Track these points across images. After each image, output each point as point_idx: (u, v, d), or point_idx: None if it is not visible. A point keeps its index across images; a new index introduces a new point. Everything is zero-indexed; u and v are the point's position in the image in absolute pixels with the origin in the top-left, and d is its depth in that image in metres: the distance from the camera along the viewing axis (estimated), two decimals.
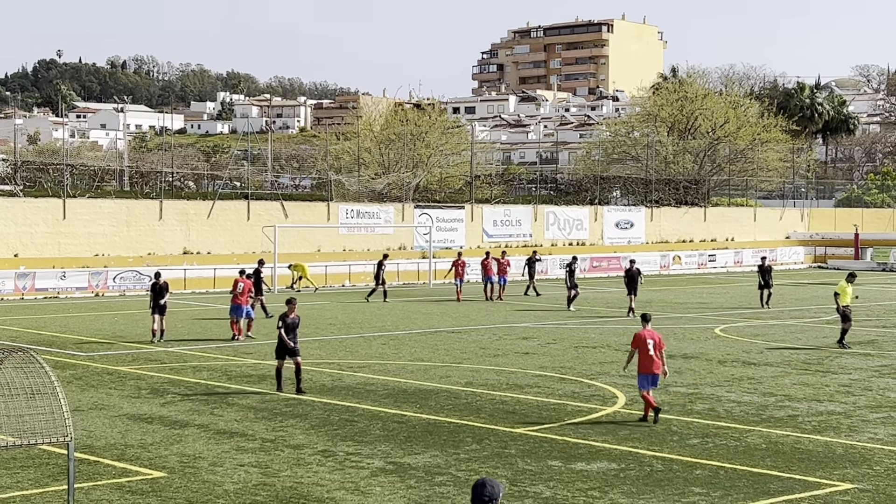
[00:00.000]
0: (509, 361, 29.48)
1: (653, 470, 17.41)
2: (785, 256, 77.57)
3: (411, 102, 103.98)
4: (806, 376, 27.19)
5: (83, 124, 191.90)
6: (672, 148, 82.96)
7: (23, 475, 16.89)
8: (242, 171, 72.23)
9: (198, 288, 52.70)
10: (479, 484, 8.29)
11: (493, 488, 8.22)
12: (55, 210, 52.11)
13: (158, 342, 32.53)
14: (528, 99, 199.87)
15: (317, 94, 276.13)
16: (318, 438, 19.55)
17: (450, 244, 64.10)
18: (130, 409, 22.38)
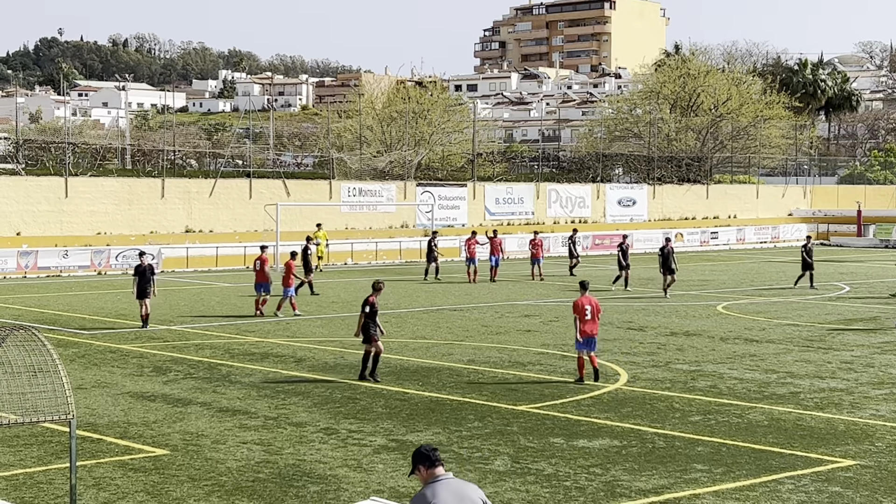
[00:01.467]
0: (511, 339, 29.50)
1: (654, 447, 17.44)
2: (787, 234, 77.51)
3: (413, 80, 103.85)
4: (808, 353, 27.20)
5: (85, 103, 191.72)
6: (674, 125, 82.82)
7: (26, 453, 16.94)
8: (244, 150, 72.20)
9: (200, 266, 52.72)
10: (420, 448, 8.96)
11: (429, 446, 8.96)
12: (57, 188, 52.09)
13: (143, 328, 30.91)
14: (531, 76, 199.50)
15: (319, 71, 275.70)
16: (320, 416, 19.59)
17: (452, 222, 64.09)
18: (133, 387, 22.42)
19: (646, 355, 26.66)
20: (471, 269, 46.39)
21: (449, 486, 8.72)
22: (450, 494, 8.67)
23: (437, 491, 8.70)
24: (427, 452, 8.89)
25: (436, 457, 8.87)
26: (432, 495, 8.66)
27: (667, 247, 41.16)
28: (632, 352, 27.25)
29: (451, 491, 8.71)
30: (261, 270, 34.86)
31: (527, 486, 15.13)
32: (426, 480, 8.88)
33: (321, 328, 31.65)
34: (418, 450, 9.02)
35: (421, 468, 8.94)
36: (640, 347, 28.00)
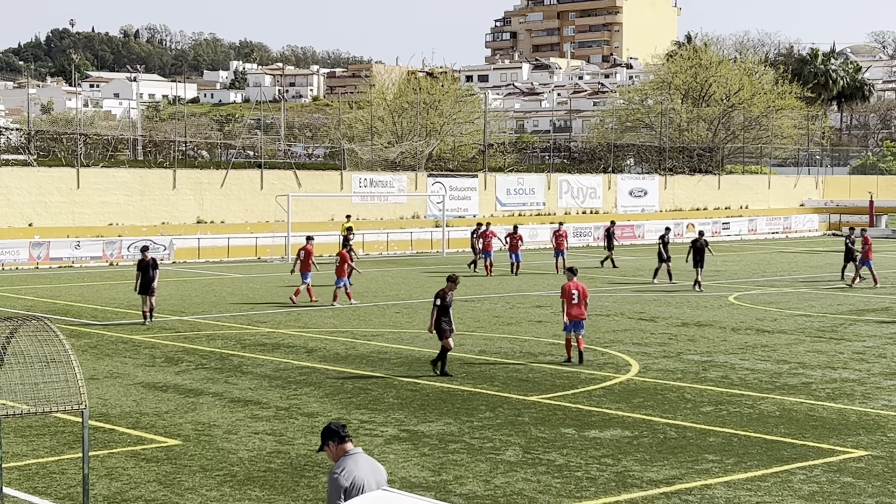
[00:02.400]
0: (523, 329, 29.50)
1: (666, 437, 17.43)
2: (799, 224, 77.34)
3: (424, 71, 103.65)
4: (820, 344, 27.15)
5: (96, 94, 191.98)
6: (686, 115, 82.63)
7: (38, 443, 16.99)
8: (255, 141, 72.26)
9: (211, 257, 52.79)
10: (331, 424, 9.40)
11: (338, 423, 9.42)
12: (69, 179, 52.19)
13: (148, 324, 29.71)
14: (542, 67, 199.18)
15: (330, 62, 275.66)
16: (332, 406, 19.61)
17: (463, 213, 64.07)
18: (145, 377, 22.47)
19: (657, 346, 26.64)
20: (487, 262, 45.82)
21: (363, 460, 9.19)
22: (366, 467, 9.13)
23: (357, 461, 9.14)
24: (337, 429, 9.31)
25: (345, 433, 9.31)
26: (354, 464, 9.10)
27: (699, 240, 39.98)
28: (643, 342, 27.23)
29: (366, 464, 9.17)
30: (305, 260, 35.29)
31: (538, 477, 15.13)
32: (337, 456, 9.27)
33: (332, 318, 31.68)
34: (329, 426, 9.39)
35: (331, 444, 9.34)
36: (652, 338, 27.98)
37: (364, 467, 9.11)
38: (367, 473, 9.07)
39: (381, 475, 9.22)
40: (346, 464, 9.12)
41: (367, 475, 9.06)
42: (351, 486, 8.99)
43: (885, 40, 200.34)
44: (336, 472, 9.09)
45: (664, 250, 42.26)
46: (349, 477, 9.05)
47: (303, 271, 35.20)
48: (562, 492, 14.47)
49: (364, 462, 9.19)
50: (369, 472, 9.10)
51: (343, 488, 8.99)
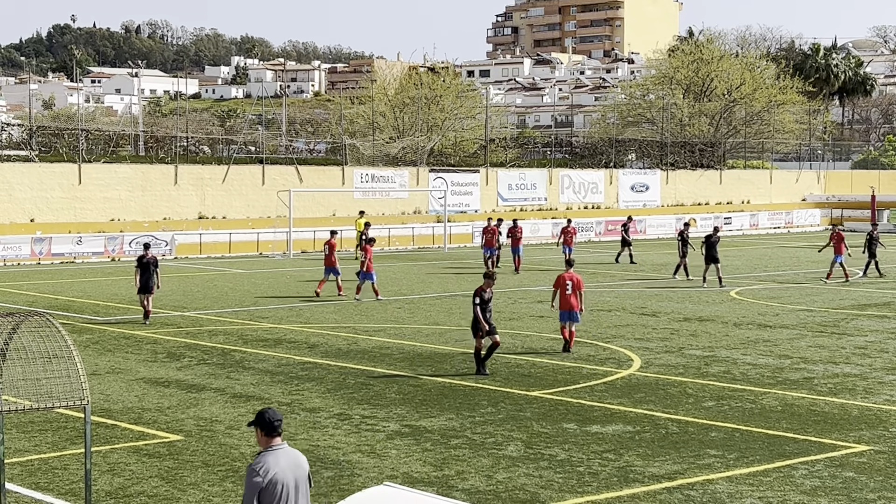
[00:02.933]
0: (524, 325, 29.50)
1: (668, 432, 17.44)
2: (801, 219, 77.32)
3: (426, 66, 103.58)
4: (822, 338, 27.15)
5: (98, 89, 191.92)
6: (688, 110, 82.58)
7: (41, 438, 17.01)
8: (257, 136, 72.25)
9: (213, 253, 52.81)
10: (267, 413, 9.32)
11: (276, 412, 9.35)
12: (71, 175, 52.19)
13: (148, 324, 29.05)
14: (543, 62, 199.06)
15: (331, 58, 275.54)
16: (333, 402, 19.62)
17: (465, 208, 64.06)
18: (147, 373, 22.48)
19: (659, 341, 26.64)
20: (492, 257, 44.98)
21: (287, 455, 9.24)
22: (285, 463, 9.18)
23: (278, 457, 9.19)
24: (272, 421, 9.27)
25: (277, 427, 9.29)
26: (274, 461, 9.15)
27: (714, 235, 39.27)
28: (645, 337, 27.24)
29: (286, 460, 9.21)
30: (329, 255, 35.72)
31: (540, 472, 15.14)
32: (264, 446, 9.31)
33: (334, 314, 31.68)
34: (265, 415, 9.33)
35: (261, 432, 9.33)
36: (654, 333, 27.98)
37: (283, 463, 9.16)
38: (285, 469, 9.13)
39: (302, 471, 9.29)
40: (266, 460, 9.15)
41: (285, 472, 9.12)
42: (266, 484, 9.06)
43: (886, 35, 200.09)
44: (255, 468, 9.13)
45: (683, 246, 41.82)
46: (266, 474, 9.08)
47: (327, 265, 35.78)
48: (564, 487, 14.48)
49: (284, 458, 9.23)
50: (288, 469, 9.16)
51: (259, 487, 9.05)
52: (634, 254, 48.94)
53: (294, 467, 9.24)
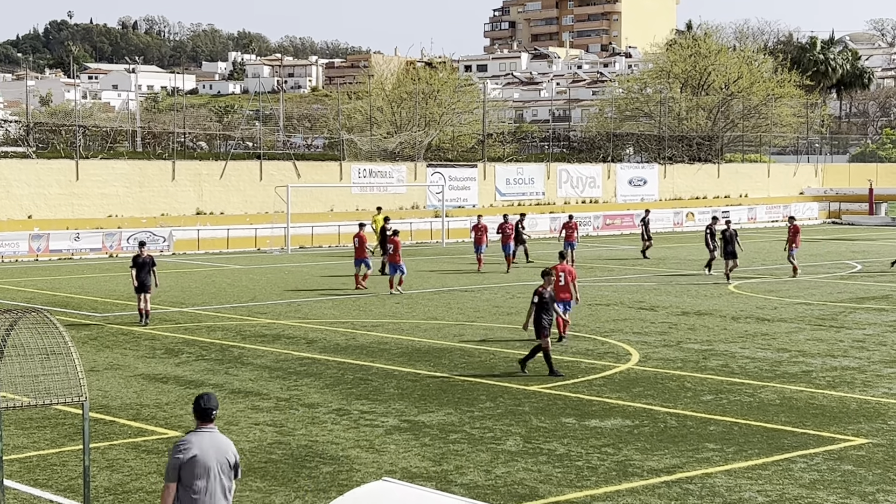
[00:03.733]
0: (523, 319, 29.45)
1: (667, 426, 17.44)
2: (799, 212, 77.19)
3: (423, 61, 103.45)
4: (820, 332, 27.16)
5: (95, 85, 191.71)
6: (685, 104, 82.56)
7: (39, 435, 17.00)
8: (254, 132, 72.16)
9: (211, 248, 52.78)
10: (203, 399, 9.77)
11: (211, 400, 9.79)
12: (68, 171, 52.15)
13: (144, 325, 28.17)
14: (541, 56, 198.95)
15: (328, 53, 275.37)
16: (332, 397, 19.62)
17: (463, 203, 64.03)
18: (145, 369, 22.47)
19: (657, 335, 26.65)
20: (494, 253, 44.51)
21: (212, 438, 9.71)
22: (209, 444, 9.64)
23: (202, 438, 9.69)
24: (206, 409, 9.75)
25: (211, 415, 9.76)
26: (199, 441, 9.65)
27: (728, 229, 38.82)
28: (643, 331, 27.24)
29: (210, 441, 9.68)
30: (360, 247, 36.40)
31: (539, 466, 15.14)
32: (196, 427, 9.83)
33: (332, 309, 31.68)
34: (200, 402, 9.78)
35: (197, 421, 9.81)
36: (652, 327, 27.98)
37: (206, 445, 9.60)
38: (207, 450, 9.58)
39: (224, 454, 9.69)
40: (191, 439, 9.64)
41: (207, 453, 9.56)
42: (187, 461, 9.53)
43: (884, 28, 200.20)
44: (178, 446, 9.63)
45: (710, 240, 41.46)
46: (187, 452, 9.55)
47: (357, 258, 36.48)
48: (563, 481, 14.48)
49: (209, 440, 9.66)
50: (210, 451, 9.59)
51: (179, 463, 9.54)
52: (631, 248, 48.90)
53: (217, 451, 9.66)
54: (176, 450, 9.60)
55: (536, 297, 21.82)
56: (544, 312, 21.72)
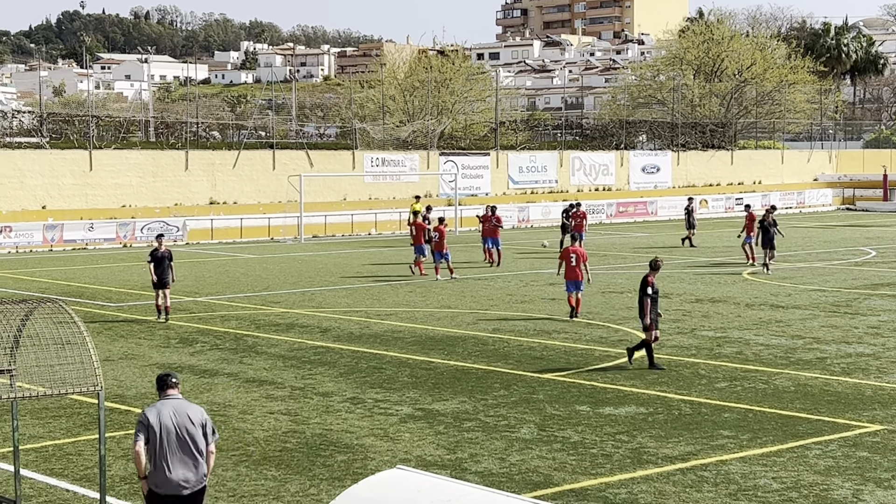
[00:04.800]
0: (536, 308, 29.49)
1: (681, 413, 17.43)
2: (813, 199, 77.09)
3: (435, 49, 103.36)
4: (834, 318, 27.10)
5: (108, 76, 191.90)
6: (698, 91, 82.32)
7: (55, 425, 17.06)
8: (267, 121, 72.21)
9: (225, 238, 52.86)
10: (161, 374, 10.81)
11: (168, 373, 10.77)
12: (82, 162, 52.26)
13: (163, 321, 27.20)
14: (553, 44, 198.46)
15: (340, 42, 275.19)
16: (346, 386, 19.65)
17: (476, 191, 63.99)
18: (160, 358, 22.53)
19: (671, 322, 26.61)
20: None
21: (174, 405, 10.50)
22: (170, 409, 10.43)
23: (165, 404, 10.52)
24: (163, 377, 10.70)
25: (169, 382, 10.64)
26: (162, 406, 10.50)
27: (767, 218, 38.15)
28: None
29: (174, 408, 10.47)
30: (417, 234, 36.99)
31: (553, 454, 15.15)
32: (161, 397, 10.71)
33: (346, 298, 31.71)
34: (160, 374, 10.84)
35: (158, 391, 10.75)
36: (666, 314, 27.87)
37: (167, 411, 10.40)
38: (167, 416, 10.36)
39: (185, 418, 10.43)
40: (154, 406, 10.51)
41: (166, 419, 10.35)
42: (149, 425, 10.35)
43: None
44: (143, 412, 10.51)
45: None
46: (152, 416, 10.39)
47: (414, 245, 37.06)
48: (577, 469, 14.49)
49: (170, 407, 10.46)
50: (170, 416, 10.36)
51: (143, 425, 10.37)
52: (644, 236, 48.78)
53: (179, 416, 10.41)
54: (141, 416, 10.47)
55: (649, 288, 20.87)
56: (652, 304, 20.95)
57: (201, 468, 10.51)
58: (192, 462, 10.43)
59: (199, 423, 10.49)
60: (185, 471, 10.39)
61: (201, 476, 10.51)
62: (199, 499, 10.55)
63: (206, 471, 10.57)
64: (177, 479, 10.36)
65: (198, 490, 10.49)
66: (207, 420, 10.60)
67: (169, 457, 10.32)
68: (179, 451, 10.37)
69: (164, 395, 10.63)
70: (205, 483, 10.59)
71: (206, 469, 10.57)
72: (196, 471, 10.46)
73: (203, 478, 10.55)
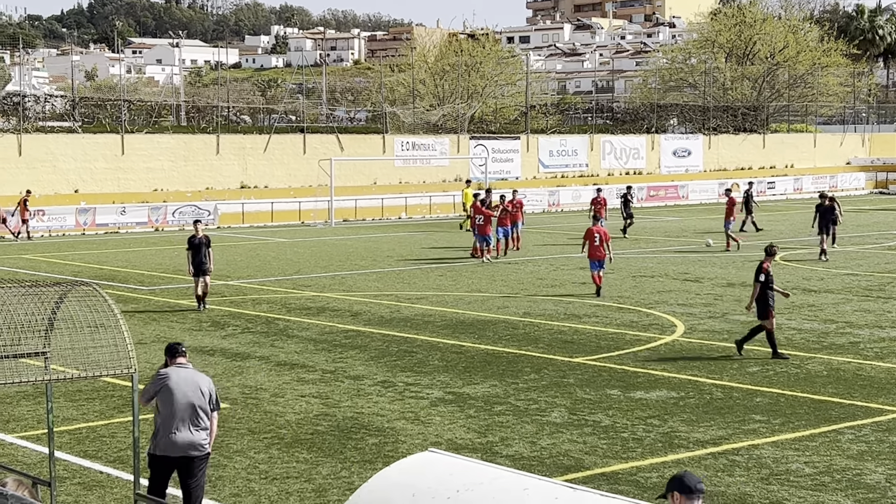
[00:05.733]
0: (567, 291, 29.45)
1: (712, 398, 17.38)
2: (846, 182, 76.57)
3: (465, 33, 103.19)
4: (867, 303, 26.94)
5: (139, 60, 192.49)
6: (730, 74, 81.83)
7: (88, 407, 17.18)
8: (297, 105, 72.33)
9: (255, 222, 53.00)
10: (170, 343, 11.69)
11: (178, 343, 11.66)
12: (114, 146, 52.49)
13: (203, 311, 26.49)
14: (583, 27, 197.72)
15: (370, 26, 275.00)
16: (377, 369, 19.69)
17: (506, 175, 63.89)
18: (192, 341, 22.63)
19: (702, 306, 26.53)
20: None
21: (186, 373, 11.24)
22: (182, 377, 11.14)
23: (177, 371, 11.28)
24: (174, 346, 11.52)
25: (179, 350, 11.46)
26: (173, 373, 11.26)
27: (823, 203, 37.04)
28: (688, 303, 27.13)
29: (185, 375, 11.19)
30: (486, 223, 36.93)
31: (584, 438, 15.14)
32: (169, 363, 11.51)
33: (376, 282, 31.76)
34: (170, 344, 11.66)
35: (168, 358, 11.52)
36: (697, 299, 27.86)
37: (176, 378, 11.14)
38: (179, 382, 11.09)
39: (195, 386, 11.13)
40: (167, 371, 11.23)
41: (178, 384, 11.08)
42: (162, 387, 11.16)
43: None
44: (158, 374, 11.32)
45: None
46: (162, 381, 11.19)
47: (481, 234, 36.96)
48: (608, 453, 14.48)
49: (183, 374, 11.21)
50: (182, 382, 11.09)
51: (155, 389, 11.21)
52: (675, 220, 48.57)
53: (188, 382, 11.12)
54: (154, 378, 11.27)
55: (762, 274, 20.33)
56: (768, 291, 20.43)
57: (206, 434, 11.23)
58: (198, 428, 11.14)
59: (207, 391, 11.22)
60: (193, 435, 11.09)
61: (207, 442, 11.23)
62: (203, 464, 11.26)
63: (210, 438, 11.31)
64: (184, 443, 11.06)
65: (203, 455, 11.20)
66: (213, 390, 11.36)
67: (178, 421, 11.02)
68: (188, 417, 11.06)
69: (175, 362, 11.36)
70: (209, 450, 11.30)
71: (211, 436, 11.31)
72: (202, 436, 11.18)
73: (208, 444, 11.27)
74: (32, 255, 39.52)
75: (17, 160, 50.01)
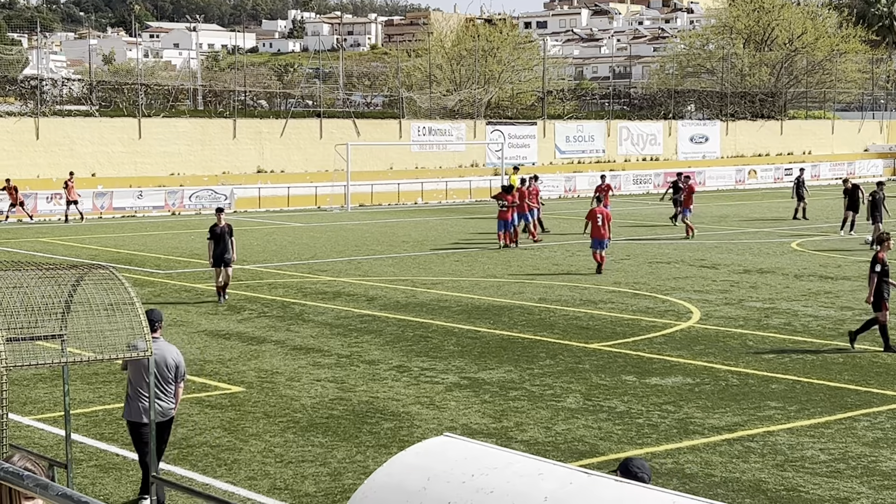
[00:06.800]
0: (582, 277, 29.43)
1: (728, 384, 17.36)
2: (864, 169, 76.25)
3: (482, 18, 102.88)
4: None
5: (156, 44, 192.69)
6: (748, 60, 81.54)
7: (104, 390, 17.25)
8: (314, 90, 72.24)
9: (272, 206, 53.09)
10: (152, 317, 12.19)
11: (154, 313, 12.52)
12: (131, 130, 52.60)
13: (224, 304, 25.31)
14: (601, 12, 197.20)
15: (387, 10, 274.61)
16: (392, 354, 19.72)
17: (522, 160, 63.79)
18: (208, 325, 22.70)
19: (718, 293, 26.49)
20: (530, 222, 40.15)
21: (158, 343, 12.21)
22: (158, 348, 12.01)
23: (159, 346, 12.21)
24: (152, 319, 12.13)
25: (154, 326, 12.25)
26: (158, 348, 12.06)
27: (879, 192, 37.04)
28: (704, 289, 27.08)
29: (157, 346, 12.00)
30: (521, 202, 37.34)
31: (599, 424, 15.15)
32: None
33: (392, 267, 31.78)
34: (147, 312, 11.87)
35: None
36: (713, 285, 27.81)
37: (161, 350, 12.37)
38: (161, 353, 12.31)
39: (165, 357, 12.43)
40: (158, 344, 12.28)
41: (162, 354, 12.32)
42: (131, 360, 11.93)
43: None
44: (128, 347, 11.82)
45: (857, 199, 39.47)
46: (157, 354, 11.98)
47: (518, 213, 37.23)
48: (623, 438, 14.48)
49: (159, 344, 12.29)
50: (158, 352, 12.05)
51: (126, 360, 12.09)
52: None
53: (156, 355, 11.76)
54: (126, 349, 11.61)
55: (878, 265, 19.66)
56: (884, 282, 19.79)
57: (172, 402, 12.62)
58: (166, 395, 12.49)
59: (172, 363, 12.56)
60: (161, 402, 12.35)
61: (171, 409, 12.62)
62: (168, 428, 12.69)
63: (175, 404, 12.71)
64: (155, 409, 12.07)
65: (167, 420, 12.57)
66: (181, 361, 12.70)
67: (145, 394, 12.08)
68: (159, 385, 12.30)
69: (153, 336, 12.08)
70: (173, 414, 12.76)
71: (175, 403, 12.73)
72: (167, 404, 12.53)
73: (173, 410, 12.68)
74: (49, 239, 39.66)
75: (35, 144, 50.18)
